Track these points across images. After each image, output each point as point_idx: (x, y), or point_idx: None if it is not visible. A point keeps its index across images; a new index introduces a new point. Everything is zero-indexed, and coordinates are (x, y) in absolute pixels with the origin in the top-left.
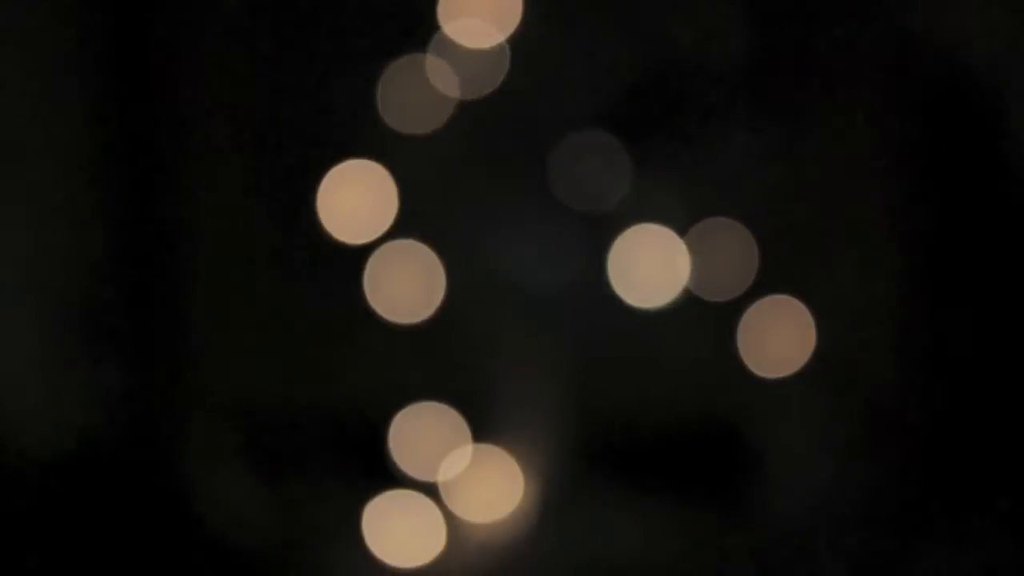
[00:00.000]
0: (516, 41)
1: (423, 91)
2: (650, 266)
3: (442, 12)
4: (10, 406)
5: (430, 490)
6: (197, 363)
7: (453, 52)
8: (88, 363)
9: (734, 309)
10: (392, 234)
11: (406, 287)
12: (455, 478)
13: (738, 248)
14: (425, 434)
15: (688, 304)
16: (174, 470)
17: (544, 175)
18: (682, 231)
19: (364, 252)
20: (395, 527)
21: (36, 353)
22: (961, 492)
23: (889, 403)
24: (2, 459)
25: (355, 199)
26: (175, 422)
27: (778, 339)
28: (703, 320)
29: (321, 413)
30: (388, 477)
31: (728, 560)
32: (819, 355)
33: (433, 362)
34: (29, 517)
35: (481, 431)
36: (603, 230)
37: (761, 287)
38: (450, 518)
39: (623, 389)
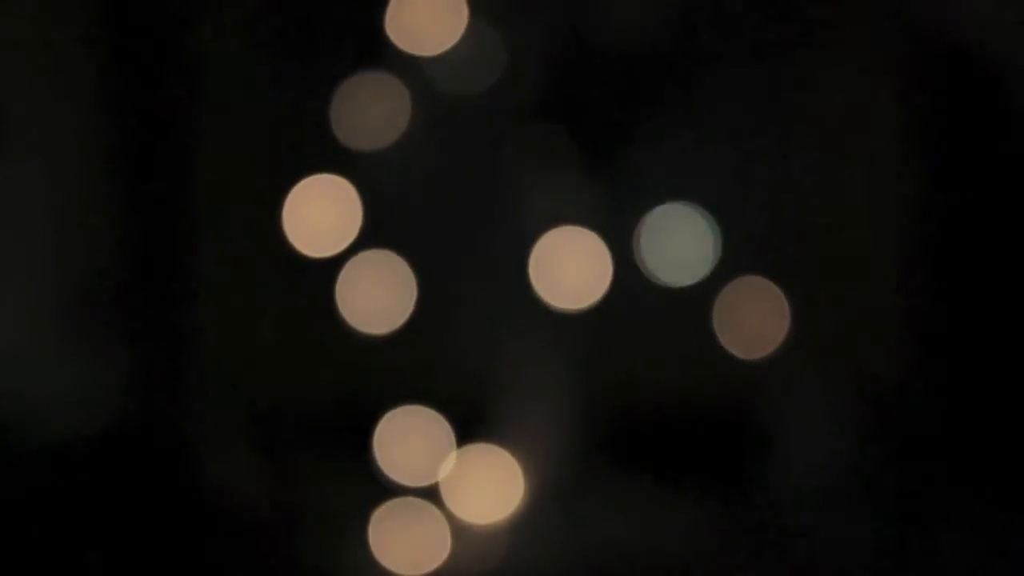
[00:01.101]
0: (465, 47)
1: (378, 105)
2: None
3: (389, 26)
4: (20, 392)
5: (429, 495)
6: (198, 365)
7: (404, 65)
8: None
9: (709, 294)
10: (361, 245)
11: (379, 297)
12: (451, 480)
13: (713, 237)
14: (412, 439)
15: (665, 292)
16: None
17: (506, 176)
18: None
19: (335, 265)
20: (400, 535)
21: (46, 343)
22: (957, 469)
23: (880, 379)
24: (9, 441)
25: (321, 213)
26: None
27: (755, 320)
28: (685, 308)
29: (317, 418)
30: (385, 485)
31: (729, 544)
32: (797, 334)
33: (414, 367)
34: (37, 499)
35: (469, 432)
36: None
37: (732, 270)
38: (452, 521)
39: (613, 380)
